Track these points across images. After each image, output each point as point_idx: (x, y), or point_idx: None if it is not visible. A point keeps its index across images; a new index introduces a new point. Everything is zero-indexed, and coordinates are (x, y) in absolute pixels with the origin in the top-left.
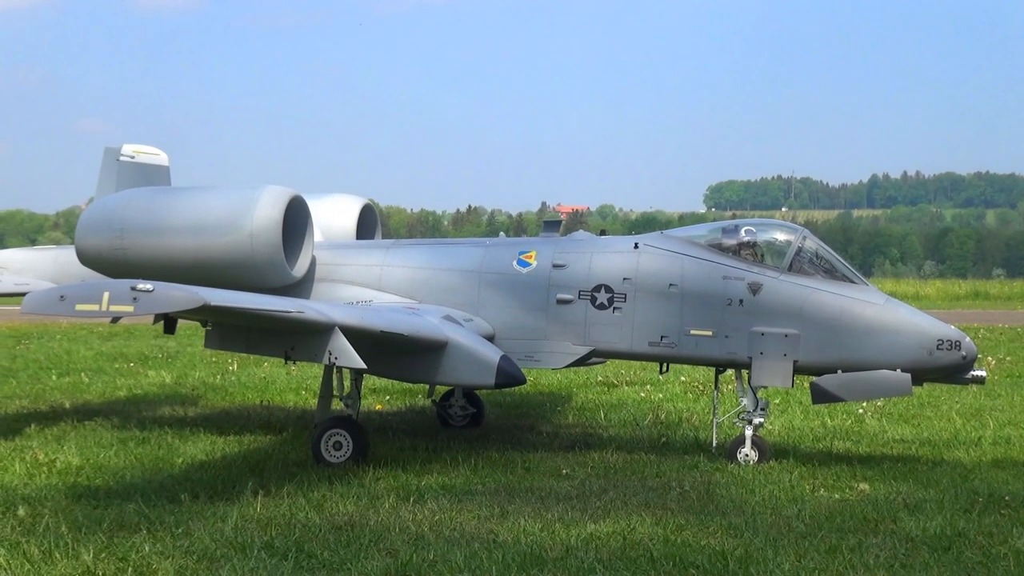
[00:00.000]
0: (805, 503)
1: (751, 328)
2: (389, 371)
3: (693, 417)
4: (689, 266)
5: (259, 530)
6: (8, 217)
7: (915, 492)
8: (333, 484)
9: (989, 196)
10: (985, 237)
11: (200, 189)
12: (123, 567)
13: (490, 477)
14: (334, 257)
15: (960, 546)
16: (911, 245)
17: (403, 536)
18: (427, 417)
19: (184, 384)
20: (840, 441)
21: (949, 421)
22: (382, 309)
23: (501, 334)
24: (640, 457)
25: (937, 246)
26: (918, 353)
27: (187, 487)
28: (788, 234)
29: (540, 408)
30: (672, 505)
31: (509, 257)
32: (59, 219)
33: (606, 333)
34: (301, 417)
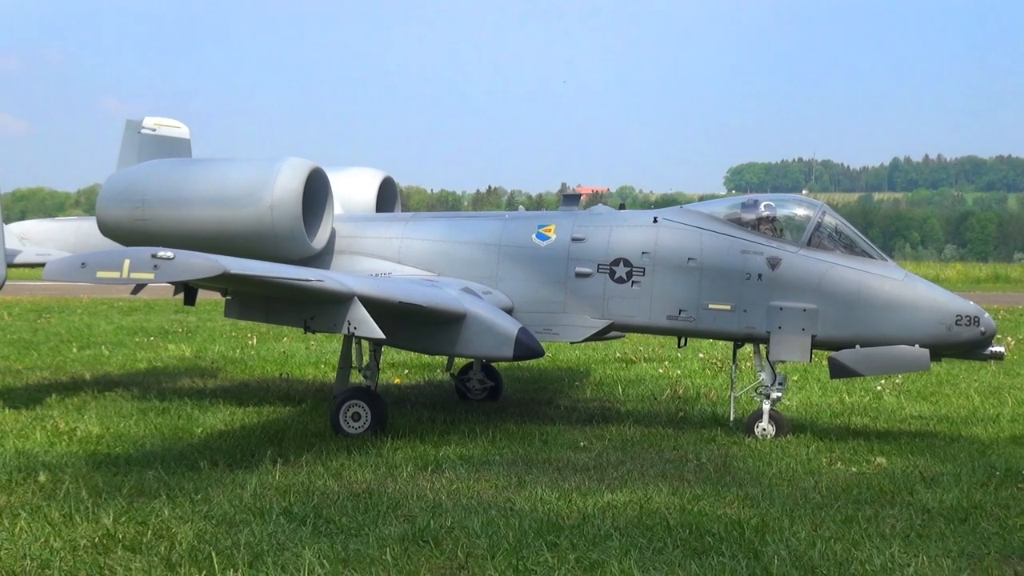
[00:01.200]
0: (822, 475)
1: (769, 302)
2: (408, 342)
3: (711, 393)
4: (708, 240)
5: (278, 497)
6: (30, 195)
7: (932, 466)
8: (351, 454)
9: (1011, 180)
10: (1006, 221)
11: (221, 161)
12: (143, 530)
13: (508, 448)
14: (354, 229)
15: (976, 518)
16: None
17: (421, 503)
18: (445, 390)
19: (204, 357)
20: (858, 417)
21: (967, 398)
22: (401, 281)
23: (520, 307)
24: (657, 431)
25: (958, 230)
26: (937, 328)
27: (206, 455)
28: (807, 209)
29: (558, 383)
30: (689, 476)
31: (528, 230)
32: (80, 197)
33: (625, 307)
34: (320, 390)
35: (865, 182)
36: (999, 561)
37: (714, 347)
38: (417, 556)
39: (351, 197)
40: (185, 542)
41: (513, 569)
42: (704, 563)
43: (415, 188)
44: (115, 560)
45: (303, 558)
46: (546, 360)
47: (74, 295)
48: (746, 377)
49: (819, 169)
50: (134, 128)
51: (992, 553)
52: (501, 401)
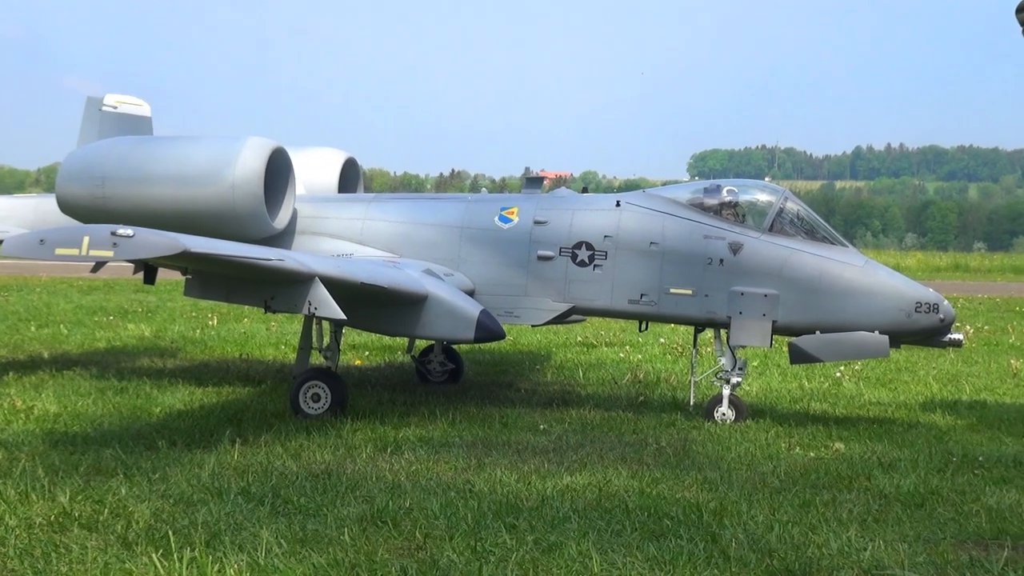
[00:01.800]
0: (780, 460)
1: (731, 288)
2: (369, 324)
3: (671, 378)
4: (670, 225)
5: (236, 477)
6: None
7: (890, 452)
8: (311, 434)
9: (972, 170)
10: (967, 210)
11: (183, 139)
12: (99, 509)
13: (467, 431)
14: (316, 210)
15: (933, 503)
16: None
17: (380, 484)
18: (406, 373)
19: (163, 337)
20: (817, 402)
21: (926, 386)
22: (363, 262)
23: (481, 289)
24: (617, 415)
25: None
26: (896, 315)
27: (165, 435)
28: (769, 195)
29: (519, 366)
30: (648, 460)
31: (491, 213)
32: (40, 175)
33: (586, 290)
34: (280, 370)
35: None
36: (954, 546)
37: (675, 332)
38: (375, 537)
39: (313, 178)
40: (142, 521)
41: (471, 550)
42: (662, 545)
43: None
44: (71, 538)
45: (260, 538)
46: (507, 343)
47: (33, 273)
48: (707, 362)
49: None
50: (95, 105)
51: (948, 538)
52: (462, 383)
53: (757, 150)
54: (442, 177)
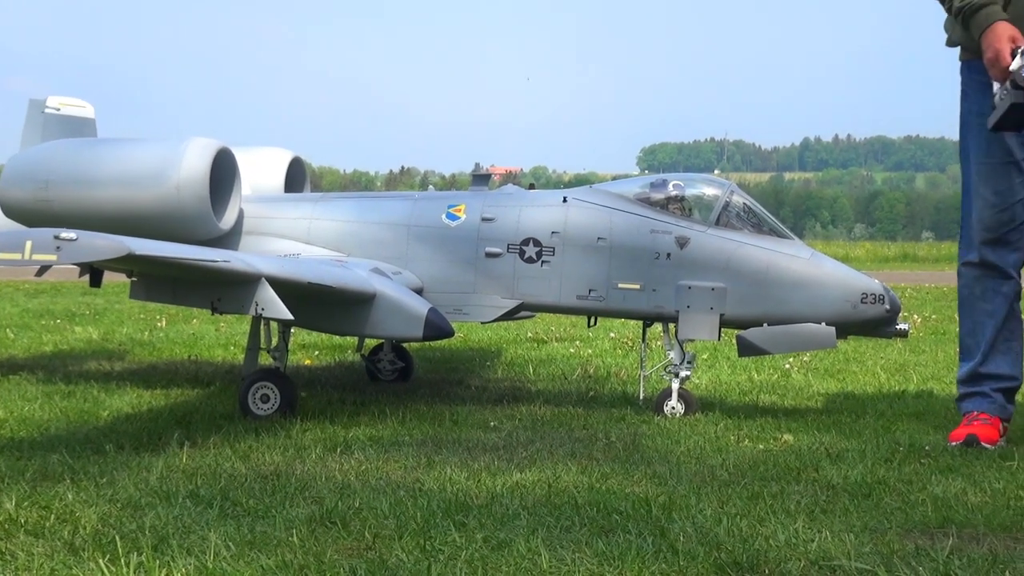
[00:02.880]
0: (729, 453)
1: (678, 282)
2: (317, 323)
3: (621, 372)
4: (617, 220)
5: (184, 479)
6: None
7: (838, 443)
8: (260, 436)
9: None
10: (914, 200)
11: (127, 141)
12: (46, 514)
13: (417, 429)
14: (262, 210)
15: (880, 492)
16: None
17: (329, 485)
18: (356, 372)
19: (111, 340)
20: (766, 395)
21: (874, 376)
22: (310, 261)
23: (430, 287)
24: (568, 410)
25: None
26: (843, 306)
27: (112, 439)
28: (716, 189)
29: (469, 363)
30: (598, 455)
31: (438, 210)
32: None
33: (534, 286)
34: (229, 372)
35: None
36: (900, 535)
37: (624, 326)
38: (324, 537)
39: (259, 178)
40: (89, 526)
41: (420, 549)
42: (611, 540)
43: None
44: (17, 545)
45: (209, 541)
46: (457, 340)
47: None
48: (656, 356)
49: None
50: (37, 107)
51: (894, 527)
52: (412, 382)
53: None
54: (392, 174)
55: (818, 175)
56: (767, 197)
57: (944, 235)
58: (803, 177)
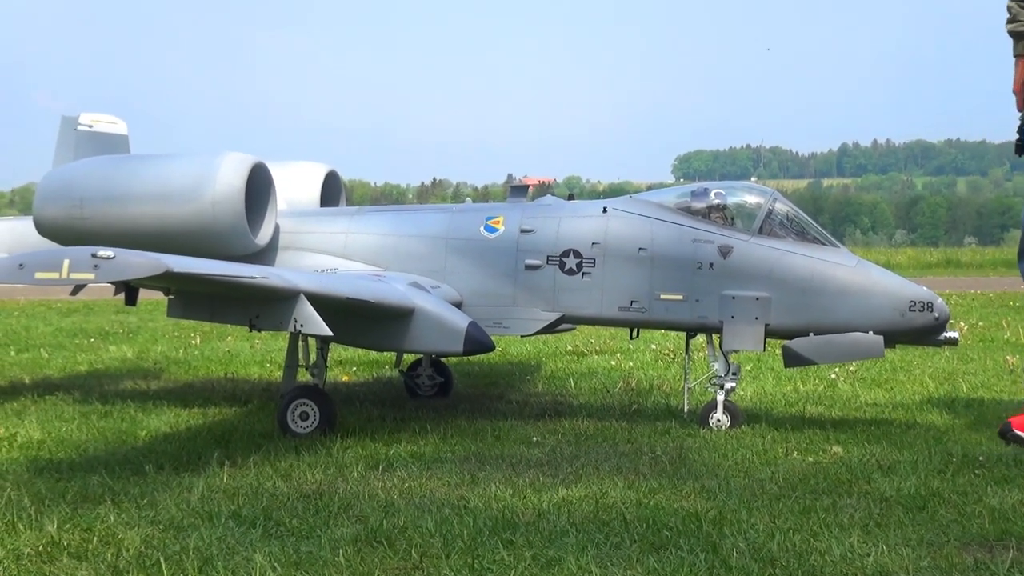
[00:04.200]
0: (778, 466)
1: (722, 292)
2: (356, 339)
3: (664, 384)
4: (659, 230)
5: (226, 500)
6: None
7: (889, 454)
8: (300, 454)
9: (960, 163)
10: (956, 205)
11: (161, 157)
12: (88, 537)
13: (460, 445)
14: (298, 225)
15: (935, 505)
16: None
17: (372, 503)
18: (395, 388)
19: (146, 358)
20: (813, 405)
21: (922, 385)
22: (347, 276)
23: (469, 301)
24: (611, 424)
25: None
26: (890, 315)
27: (151, 459)
28: (758, 196)
29: (509, 377)
30: (644, 470)
31: (476, 223)
32: (15, 196)
33: (575, 299)
34: (266, 389)
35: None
36: (958, 548)
37: (666, 338)
38: (370, 557)
39: (295, 192)
40: (132, 548)
41: (469, 568)
42: (662, 557)
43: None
44: (60, 568)
45: (254, 562)
46: (496, 354)
47: (10, 297)
48: (699, 368)
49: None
50: (70, 125)
51: (951, 540)
52: (452, 397)
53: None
54: (423, 186)
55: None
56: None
57: (987, 240)
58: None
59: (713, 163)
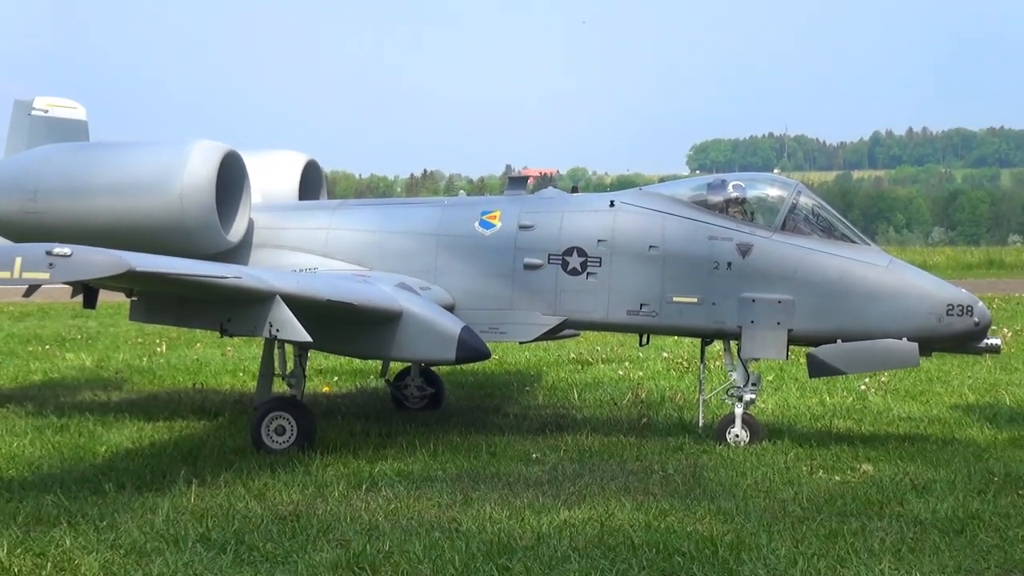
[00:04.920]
0: (802, 485)
1: (740, 294)
2: (337, 346)
3: (677, 396)
4: (671, 226)
5: (194, 522)
6: None
7: (924, 473)
8: (276, 472)
9: (1004, 154)
10: (1000, 200)
11: (124, 145)
12: (41, 562)
13: (451, 462)
14: (274, 220)
15: (974, 528)
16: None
17: (355, 526)
18: (380, 399)
19: (107, 367)
20: (840, 419)
21: (961, 397)
22: (328, 276)
23: (462, 304)
24: (618, 440)
25: (947, 210)
26: (926, 319)
27: (112, 477)
28: (780, 189)
29: (506, 388)
30: (655, 490)
31: (470, 218)
32: None
33: (579, 301)
34: (239, 401)
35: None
36: None
37: (679, 346)
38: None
39: (271, 184)
40: (90, 574)
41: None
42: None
43: (341, 173)
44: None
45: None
46: (492, 363)
47: None
48: (716, 378)
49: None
50: (23, 109)
51: (992, 567)
52: (443, 409)
53: (764, 139)
54: (413, 178)
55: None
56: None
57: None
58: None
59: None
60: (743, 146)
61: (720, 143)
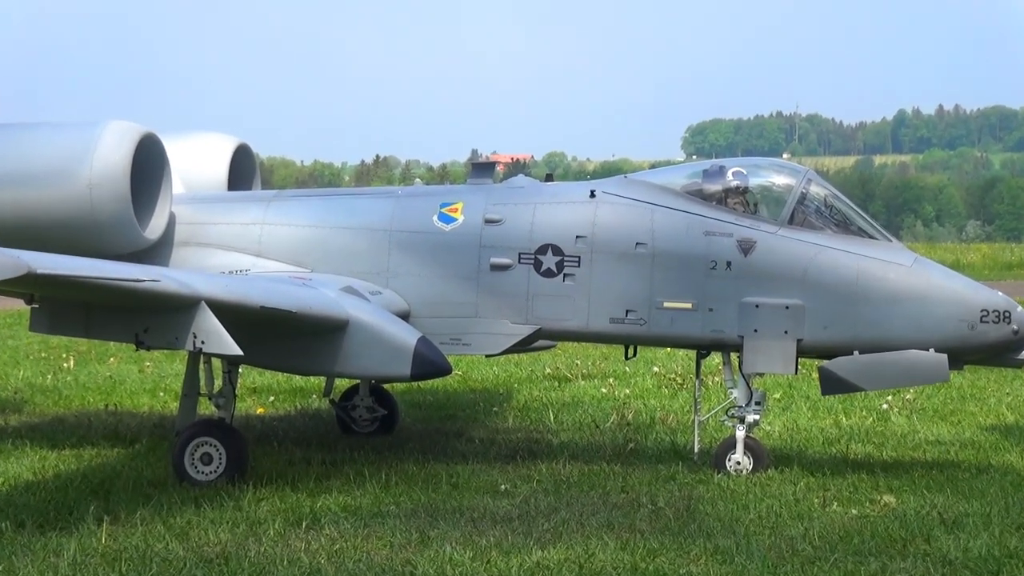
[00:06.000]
0: (813, 520)
1: (742, 298)
2: (272, 360)
3: (669, 417)
4: (661, 219)
5: (104, 565)
6: None
7: (954, 505)
8: (201, 507)
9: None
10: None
11: (23, 127)
12: None
13: (406, 496)
14: (200, 214)
15: (1012, 569)
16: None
17: (293, 570)
18: (324, 422)
19: (4, 386)
20: (858, 444)
21: (998, 417)
22: (262, 279)
23: (418, 311)
24: (601, 468)
25: (983, 201)
26: (957, 327)
27: (9, 514)
28: (788, 177)
29: (471, 409)
30: (642, 526)
31: (428, 211)
32: None
33: (555, 307)
34: (159, 425)
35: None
36: None
37: (672, 358)
38: None
39: (196, 172)
40: None
41: None
42: None
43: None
44: None
45: None
46: (455, 380)
47: None
48: (714, 396)
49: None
50: None
51: None
52: (397, 434)
53: (771, 119)
54: (364, 166)
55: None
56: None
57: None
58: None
59: (734, 135)
60: (747, 127)
61: (720, 124)
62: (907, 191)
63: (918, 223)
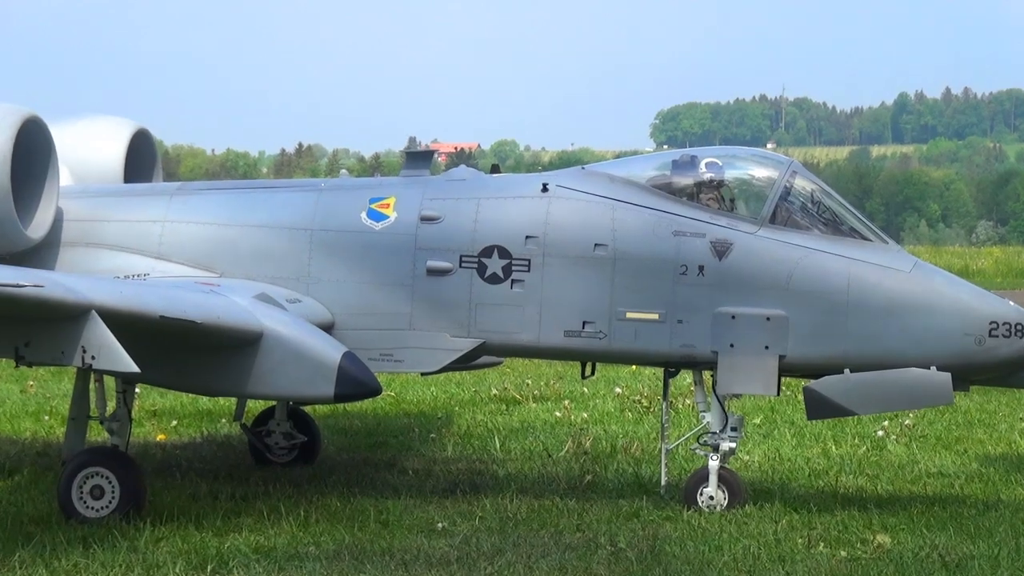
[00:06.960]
0: (797, 564)
1: (716, 308)
2: (174, 379)
3: (632, 446)
4: (624, 217)
5: None
6: None
7: (958, 546)
8: (91, 548)
9: None
10: None
11: None
12: None
13: (328, 535)
14: (91, 209)
15: None
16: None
17: None
18: (234, 450)
19: None
20: (849, 476)
21: (1009, 445)
22: (163, 285)
23: (344, 322)
24: (553, 503)
25: (996, 198)
26: (962, 342)
27: None
28: (769, 169)
29: (404, 435)
30: (600, 570)
31: (355, 207)
32: None
33: (501, 318)
34: (43, 453)
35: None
36: None
37: (638, 376)
38: None
39: (87, 161)
40: None
41: None
42: None
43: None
44: None
45: None
46: (386, 402)
47: None
48: (684, 421)
49: (791, 111)
50: None
51: None
52: (318, 464)
53: (754, 103)
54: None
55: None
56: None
57: None
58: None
59: (712, 122)
60: (726, 112)
61: (695, 108)
62: (909, 187)
63: (921, 223)
